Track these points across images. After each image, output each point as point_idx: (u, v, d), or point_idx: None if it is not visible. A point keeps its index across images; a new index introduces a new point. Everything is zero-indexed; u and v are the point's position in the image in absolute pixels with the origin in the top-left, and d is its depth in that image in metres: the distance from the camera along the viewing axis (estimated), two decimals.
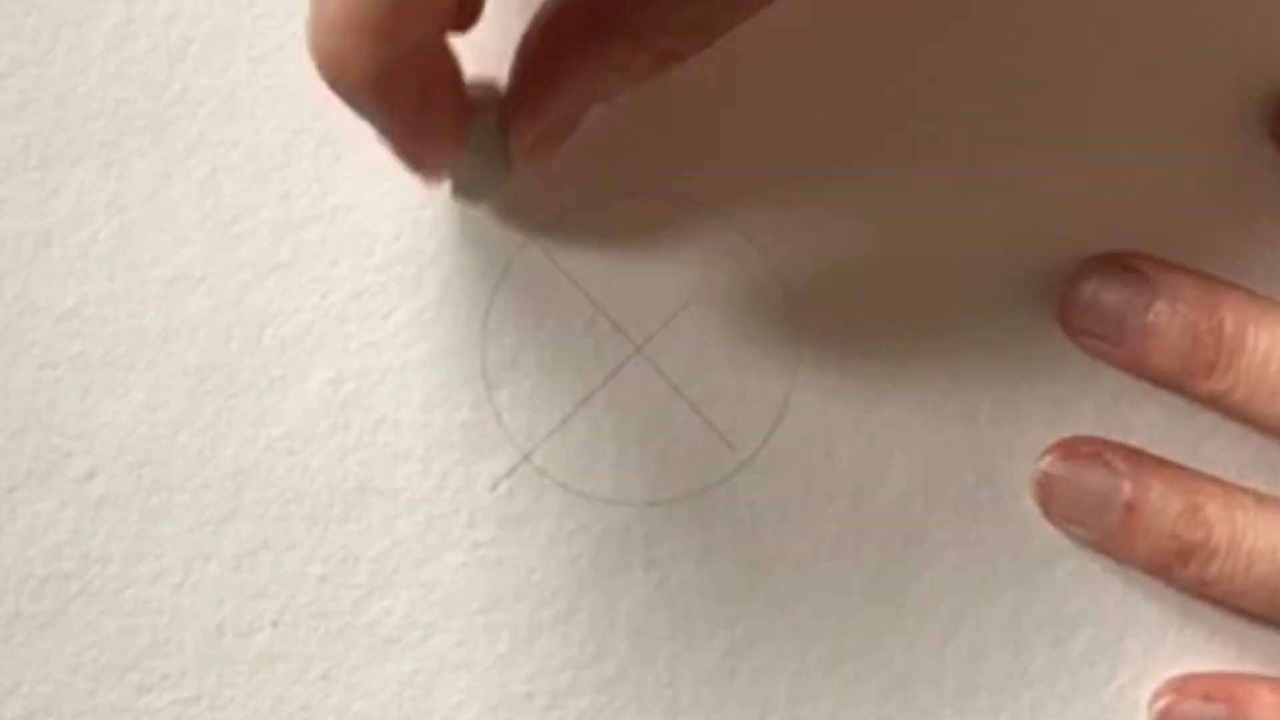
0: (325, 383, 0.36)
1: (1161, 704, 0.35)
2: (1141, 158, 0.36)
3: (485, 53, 0.34)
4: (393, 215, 0.36)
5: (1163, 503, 0.35)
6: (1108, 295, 0.35)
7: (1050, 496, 0.36)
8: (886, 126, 0.36)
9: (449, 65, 0.30)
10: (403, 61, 0.28)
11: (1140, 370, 0.36)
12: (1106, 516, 0.35)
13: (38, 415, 0.36)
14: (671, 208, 0.36)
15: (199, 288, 0.36)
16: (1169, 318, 0.35)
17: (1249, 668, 0.35)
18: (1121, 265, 0.35)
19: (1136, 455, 0.36)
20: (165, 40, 0.37)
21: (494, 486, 0.36)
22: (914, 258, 0.36)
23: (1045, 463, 0.36)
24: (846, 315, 0.36)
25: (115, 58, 0.37)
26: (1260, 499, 0.35)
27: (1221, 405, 0.35)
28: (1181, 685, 0.35)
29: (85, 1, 0.37)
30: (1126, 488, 0.35)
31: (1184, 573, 0.35)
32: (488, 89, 0.33)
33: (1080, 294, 0.36)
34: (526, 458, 0.36)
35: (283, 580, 0.36)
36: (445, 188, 0.35)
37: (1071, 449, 0.36)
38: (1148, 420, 0.36)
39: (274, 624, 0.36)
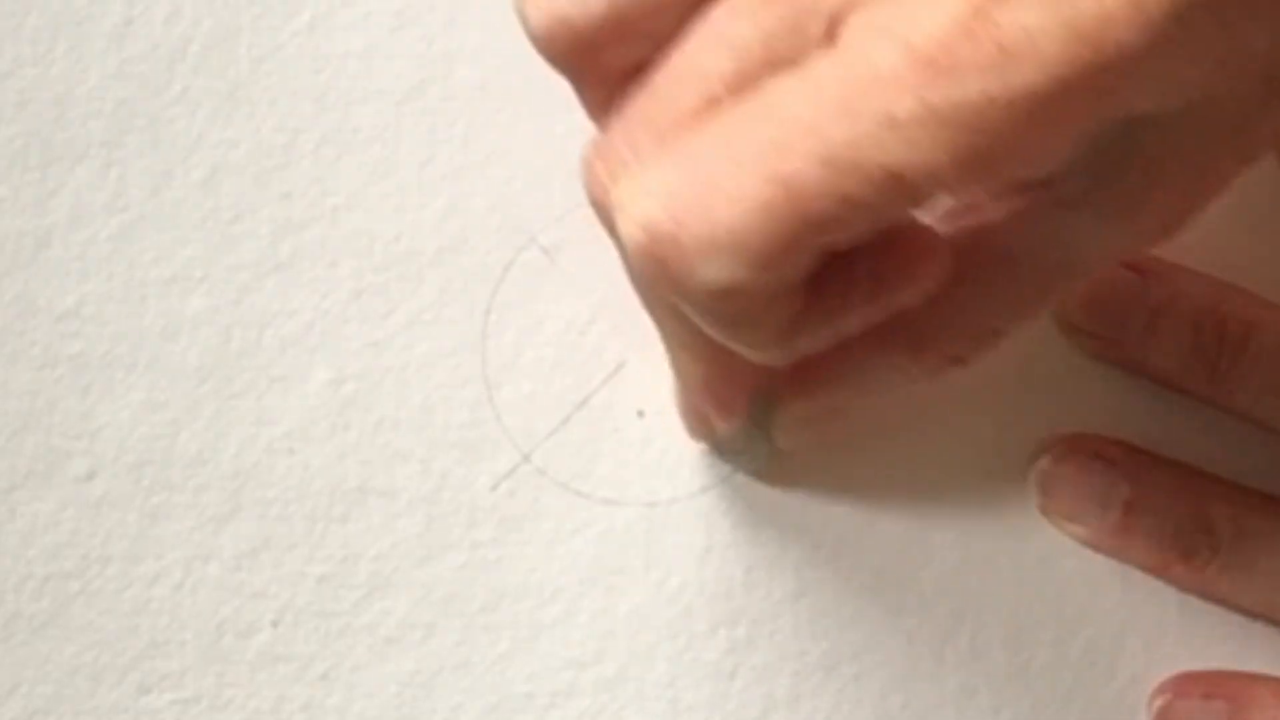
0: (325, 383, 0.36)
1: (1161, 702, 0.35)
2: None
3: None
4: (393, 215, 0.36)
5: (1164, 501, 0.35)
6: (1108, 295, 0.35)
7: (1050, 494, 0.36)
8: None
9: None
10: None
11: (1140, 370, 0.36)
12: (1107, 515, 0.35)
13: (38, 415, 0.36)
14: None
15: (199, 288, 0.36)
16: (1170, 318, 0.35)
17: (1249, 667, 0.35)
18: (1122, 264, 0.35)
19: (1137, 454, 0.36)
20: (165, 40, 0.37)
21: (494, 486, 0.36)
22: None
23: (1045, 461, 0.36)
24: None
25: (115, 58, 0.37)
26: (1262, 497, 0.35)
27: (1223, 405, 0.35)
28: (1181, 684, 0.35)
29: (85, 1, 0.37)
30: (1127, 486, 0.35)
31: (1184, 571, 0.35)
32: None
33: (1080, 294, 0.36)
34: (526, 458, 0.36)
35: (283, 580, 0.36)
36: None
37: (1072, 447, 0.36)
38: (1148, 420, 0.36)
39: (274, 624, 0.36)
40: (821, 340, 0.29)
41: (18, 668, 0.35)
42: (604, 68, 0.28)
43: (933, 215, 0.30)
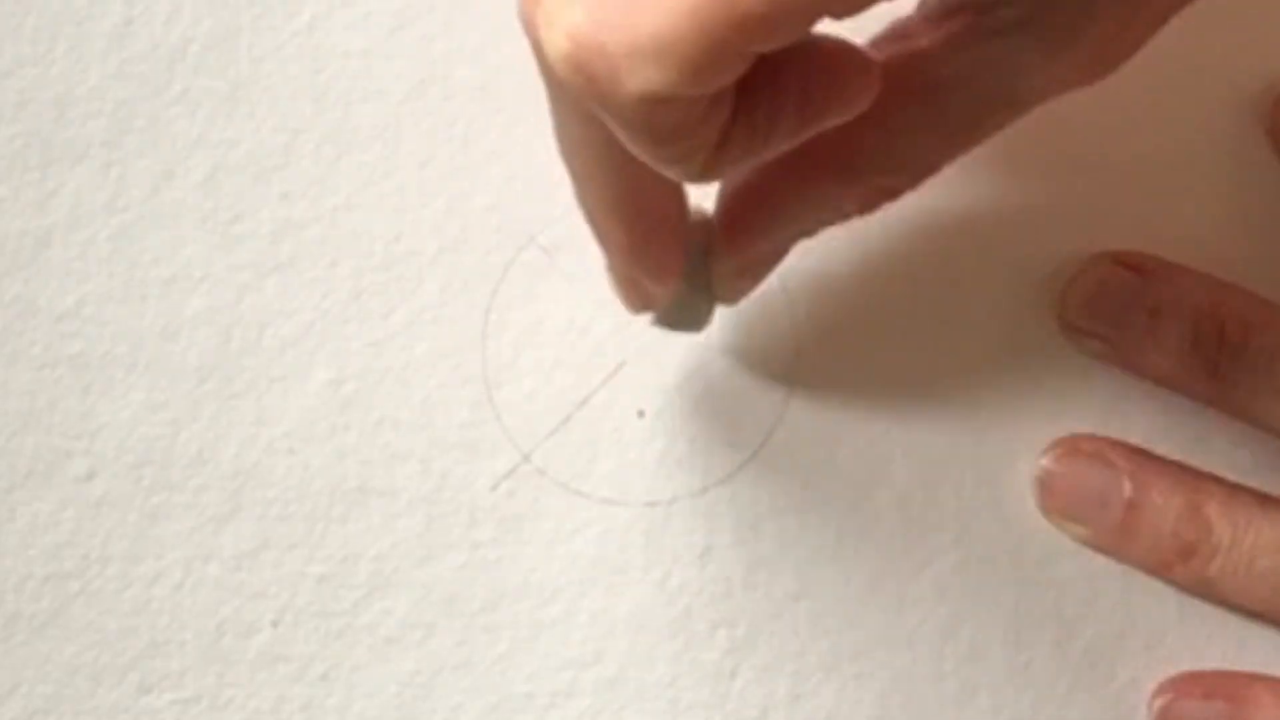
0: (325, 383, 0.36)
1: (1161, 702, 0.35)
2: (1142, 158, 0.36)
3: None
4: (393, 215, 0.36)
5: (1164, 501, 0.35)
6: (1108, 295, 0.35)
7: (1051, 494, 0.36)
8: None
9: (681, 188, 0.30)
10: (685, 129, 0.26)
11: (1140, 370, 0.36)
12: (1107, 515, 0.35)
13: (38, 415, 0.36)
14: None
15: (199, 288, 0.36)
16: (1170, 318, 0.35)
17: (1249, 667, 0.35)
18: (1122, 265, 0.35)
19: (1138, 454, 0.36)
20: (165, 40, 0.37)
21: (494, 486, 0.36)
22: (914, 258, 0.36)
23: (1046, 460, 0.36)
24: (846, 315, 0.36)
25: (115, 58, 0.37)
26: (1261, 498, 0.35)
27: (1222, 405, 0.35)
28: (1181, 684, 0.35)
29: (85, 1, 0.37)
30: (1127, 486, 0.35)
31: (1184, 571, 0.35)
32: (695, 216, 0.32)
33: (1080, 294, 0.36)
34: (526, 458, 0.36)
35: (283, 580, 0.36)
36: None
37: (1073, 447, 0.36)
38: (1148, 420, 0.36)
39: (274, 624, 0.36)
40: (750, 157, 0.28)
41: (18, 668, 0.35)
42: None
43: (863, 42, 0.29)
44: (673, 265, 0.32)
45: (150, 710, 0.35)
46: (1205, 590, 0.35)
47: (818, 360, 0.36)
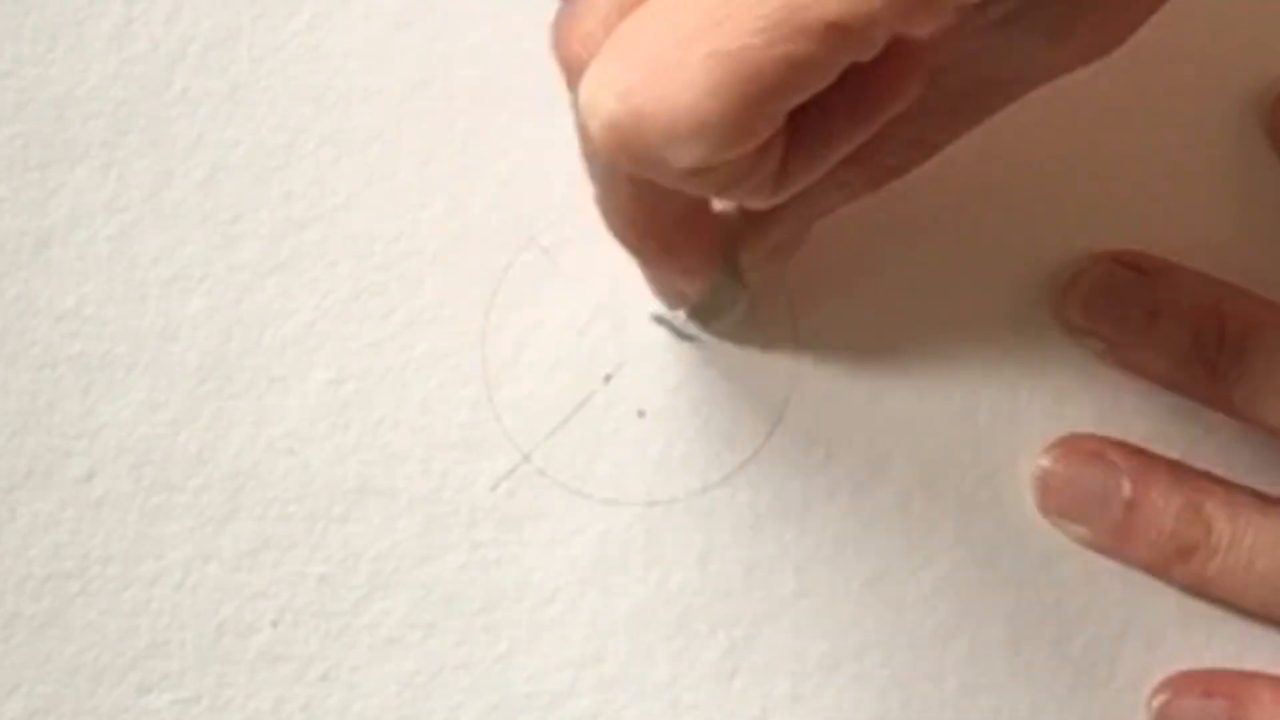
0: (325, 383, 0.36)
1: (1160, 700, 0.35)
2: (1141, 158, 0.36)
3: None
4: (393, 215, 0.36)
5: (1163, 501, 0.35)
6: (1108, 295, 0.35)
7: (1050, 494, 0.36)
8: None
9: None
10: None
11: (1140, 370, 0.36)
12: (1107, 514, 0.35)
13: (38, 415, 0.36)
14: None
15: (199, 288, 0.36)
16: (1170, 317, 0.35)
17: (1249, 667, 0.35)
18: (1122, 264, 0.35)
19: (1137, 453, 0.36)
20: (165, 40, 0.37)
21: (494, 486, 0.36)
22: (914, 257, 0.36)
23: (1046, 460, 0.36)
24: (846, 315, 0.36)
25: (115, 58, 0.37)
26: (1260, 498, 0.35)
27: (1222, 405, 0.35)
28: (1180, 682, 0.35)
29: (85, 1, 0.37)
30: (1127, 486, 0.35)
31: (1184, 571, 0.35)
32: (719, 210, 0.33)
33: (1080, 294, 0.36)
34: (526, 458, 0.36)
35: (283, 580, 0.36)
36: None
37: (1072, 447, 0.36)
38: (1148, 420, 0.36)
39: (274, 624, 0.36)
40: (816, 172, 0.28)
41: (18, 668, 0.35)
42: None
43: None
44: (705, 263, 0.32)
45: (150, 710, 0.35)
46: (1204, 590, 0.35)
47: (818, 360, 0.36)
